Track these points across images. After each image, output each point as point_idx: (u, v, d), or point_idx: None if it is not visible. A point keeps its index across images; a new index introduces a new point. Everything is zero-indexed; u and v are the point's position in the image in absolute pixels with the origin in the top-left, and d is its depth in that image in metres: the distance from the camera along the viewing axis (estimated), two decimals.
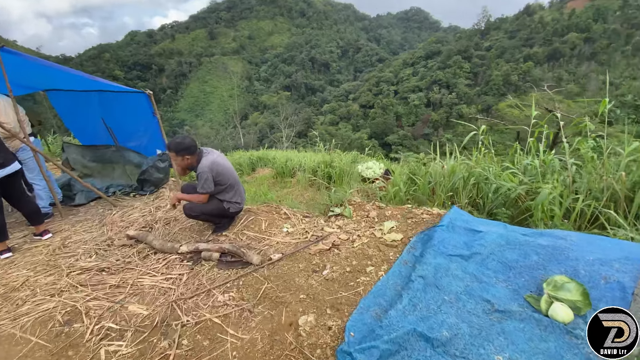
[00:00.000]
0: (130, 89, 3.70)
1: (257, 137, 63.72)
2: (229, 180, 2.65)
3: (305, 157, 11.06)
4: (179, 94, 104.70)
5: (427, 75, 78.47)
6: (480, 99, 70.11)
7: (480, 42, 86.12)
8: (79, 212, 4.05)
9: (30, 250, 3.09)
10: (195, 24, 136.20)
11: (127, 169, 4.52)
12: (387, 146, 60.33)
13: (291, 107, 61.27)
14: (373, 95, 79.20)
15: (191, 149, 2.49)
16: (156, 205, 3.85)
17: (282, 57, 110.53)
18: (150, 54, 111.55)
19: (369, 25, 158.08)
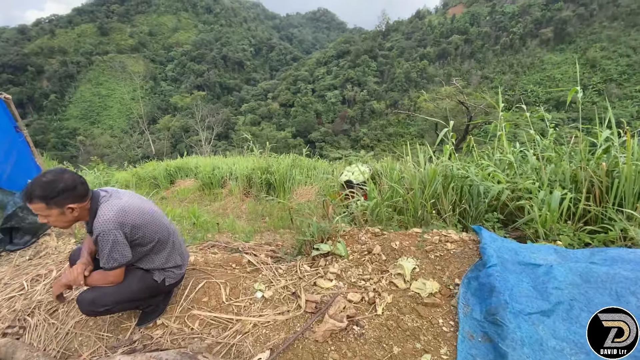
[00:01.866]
0: None
1: (171, 142, 58.07)
2: (157, 233, 1.62)
3: (235, 163, 10.24)
4: (66, 98, 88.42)
5: (340, 73, 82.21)
6: (387, 95, 76.60)
7: (382, 42, 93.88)
8: None
9: None
10: (80, 18, 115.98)
11: None
12: (312, 143, 61.52)
13: (207, 108, 57.32)
14: (292, 94, 79.57)
15: (74, 191, 1.41)
16: (35, 274, 2.34)
17: (191, 55, 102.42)
18: (24, 53, 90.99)
19: (280, 24, 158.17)
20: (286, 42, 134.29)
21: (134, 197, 1.66)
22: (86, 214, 1.52)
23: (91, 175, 8.51)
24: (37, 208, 1.38)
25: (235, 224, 5.13)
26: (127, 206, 1.53)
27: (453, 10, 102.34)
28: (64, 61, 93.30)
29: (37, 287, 2.12)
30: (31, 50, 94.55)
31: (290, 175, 7.54)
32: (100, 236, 1.43)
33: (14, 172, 2.98)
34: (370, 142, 63.10)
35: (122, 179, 12.26)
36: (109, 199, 1.54)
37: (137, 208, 1.56)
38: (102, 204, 1.51)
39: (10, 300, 1.99)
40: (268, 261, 2.23)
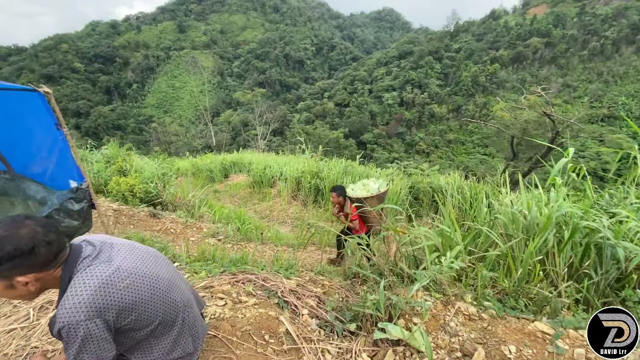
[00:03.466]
0: (10, 86, 2.28)
1: (231, 135, 61.33)
2: (159, 314, 1.09)
3: (286, 164, 10.00)
4: (145, 88, 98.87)
5: (400, 74, 79.41)
6: (450, 99, 71.99)
7: (450, 43, 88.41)
8: None
9: None
10: (162, 16, 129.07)
11: (30, 205, 3.19)
12: (363, 145, 60.41)
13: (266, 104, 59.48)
14: (348, 94, 79.00)
15: (30, 257, 0.93)
16: (45, 300, 1.97)
17: (256, 53, 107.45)
18: (114, 45, 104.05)
19: (343, 24, 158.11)
20: (347, 42, 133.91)
21: (134, 255, 1.13)
22: (56, 283, 1.02)
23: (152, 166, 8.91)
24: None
25: (280, 234, 4.73)
26: (115, 277, 1.01)
27: (534, 11, 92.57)
28: (147, 55, 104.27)
29: (42, 320, 1.79)
30: (120, 43, 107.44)
31: (341, 183, 6.99)
32: (64, 331, 0.92)
33: (56, 171, 2.86)
34: (426, 147, 59.90)
35: (182, 167, 12.87)
36: (91, 263, 1.02)
37: (134, 278, 1.05)
38: (79, 272, 1.00)
39: (9, 335, 1.72)
40: (312, 327, 1.62)
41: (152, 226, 4.70)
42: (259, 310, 1.64)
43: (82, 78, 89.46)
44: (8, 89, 2.38)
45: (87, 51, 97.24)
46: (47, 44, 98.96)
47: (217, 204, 7.63)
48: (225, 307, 1.69)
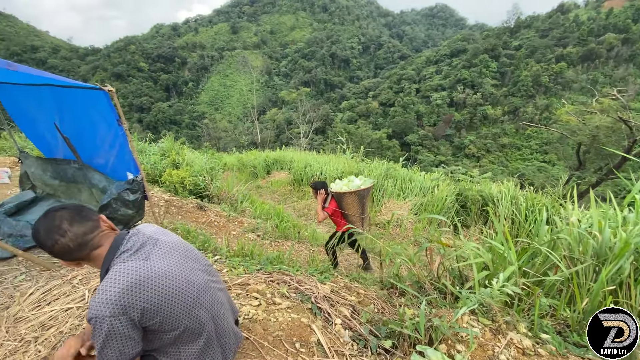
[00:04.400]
0: (81, 84, 2.51)
1: (275, 132, 63.13)
2: (184, 320, 1.08)
3: (326, 163, 10.00)
4: (200, 86, 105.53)
5: (451, 73, 75.53)
6: (507, 100, 66.81)
7: (509, 40, 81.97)
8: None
9: None
10: (218, 18, 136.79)
11: (93, 193, 3.51)
12: (407, 146, 58.56)
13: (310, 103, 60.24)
14: (394, 93, 77.03)
15: (76, 253, 1.04)
16: (96, 284, 2.13)
17: (303, 53, 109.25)
18: (174, 46, 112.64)
19: (392, 22, 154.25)
20: (396, 40, 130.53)
21: (172, 255, 1.13)
22: (100, 264, 1.09)
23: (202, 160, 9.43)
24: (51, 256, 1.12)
25: (317, 234, 4.72)
26: (146, 277, 1.02)
27: (611, 4, 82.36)
28: (202, 55, 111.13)
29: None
30: (179, 44, 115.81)
31: (382, 186, 6.79)
32: (92, 322, 0.95)
33: (116, 163, 3.11)
34: (476, 151, 56.27)
35: (229, 162, 13.48)
36: (128, 259, 1.06)
37: (163, 282, 1.04)
38: (115, 265, 1.04)
39: (66, 313, 1.90)
40: (345, 340, 1.52)
41: (198, 218, 4.94)
42: (291, 315, 1.61)
43: (145, 76, 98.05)
44: (78, 87, 2.63)
45: (151, 52, 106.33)
46: (118, 45, 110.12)
47: (258, 199, 7.86)
48: (259, 307, 1.69)
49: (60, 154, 3.74)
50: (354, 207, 3.42)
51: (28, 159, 4.14)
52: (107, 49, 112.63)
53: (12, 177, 5.71)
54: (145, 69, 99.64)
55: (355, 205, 3.42)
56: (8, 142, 8.77)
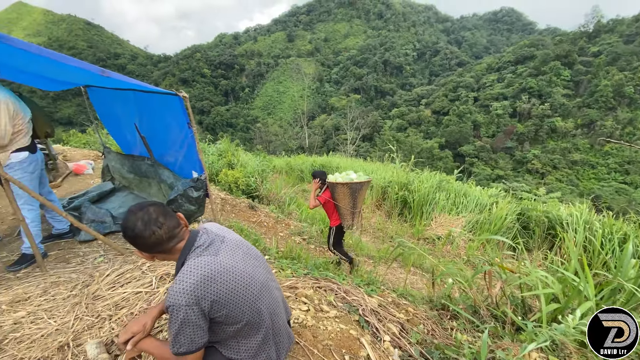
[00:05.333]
0: (160, 90, 2.81)
1: (322, 138, 64.01)
2: (246, 315, 1.15)
3: (373, 171, 9.86)
4: (255, 92, 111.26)
5: (514, 82, 69.99)
6: (581, 112, 59.86)
7: (586, 46, 73.61)
8: (74, 258, 2.81)
9: None
10: (276, 27, 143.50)
11: (162, 187, 3.85)
12: (461, 157, 55.41)
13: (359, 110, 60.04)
14: (449, 101, 73.58)
15: (165, 246, 1.14)
16: (164, 272, 2.31)
17: (355, 60, 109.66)
18: (234, 54, 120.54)
19: (451, 27, 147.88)
20: (454, 46, 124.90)
21: (237, 252, 1.22)
22: (177, 257, 1.19)
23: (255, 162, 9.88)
24: (132, 247, 1.23)
25: (361, 244, 4.65)
26: (216, 272, 1.10)
27: None
28: (259, 62, 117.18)
29: (161, 288, 2.16)
30: (239, 52, 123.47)
31: (433, 199, 6.48)
32: (169, 310, 1.05)
33: (183, 162, 3.40)
34: (541, 167, 51.09)
35: (278, 165, 13.96)
36: (201, 253, 1.15)
37: (230, 276, 1.12)
38: (190, 258, 1.14)
39: (136, 296, 2.11)
40: (394, 359, 1.45)
41: (250, 217, 5.17)
42: (340, 326, 1.60)
43: (207, 82, 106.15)
44: (157, 92, 2.93)
45: (214, 59, 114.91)
46: (185, 53, 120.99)
47: (304, 203, 8.00)
48: (307, 313, 1.71)
49: (136, 151, 4.20)
50: (346, 199, 3.53)
51: (110, 154, 4.71)
52: (176, 56, 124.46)
53: (95, 168, 6.54)
54: (207, 75, 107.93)
55: (347, 198, 3.53)
56: (92, 137, 10.06)
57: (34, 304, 2.18)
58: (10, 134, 2.56)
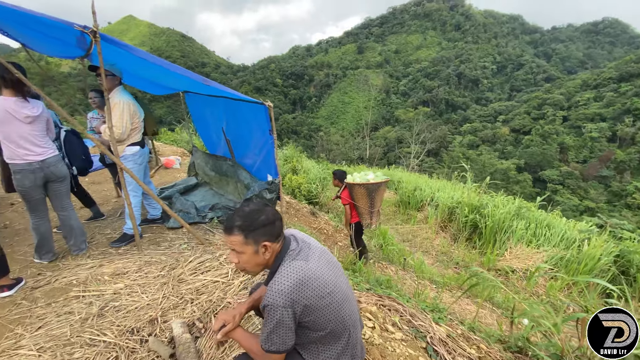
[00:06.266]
0: (249, 99, 3.09)
1: (383, 150, 62.82)
2: (331, 323, 1.18)
3: (440, 189, 9.33)
4: (321, 102, 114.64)
5: (616, 101, 60.22)
6: None
7: None
8: (163, 242, 3.20)
9: (53, 306, 2.21)
10: (347, 39, 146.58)
11: (238, 187, 4.17)
12: (542, 183, 49.41)
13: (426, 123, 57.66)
14: (531, 120, 66.41)
15: (273, 227, 1.20)
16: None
17: (426, 72, 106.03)
18: (305, 65, 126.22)
19: (540, 39, 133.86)
20: (541, 60, 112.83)
21: (323, 261, 1.25)
22: (272, 261, 1.25)
23: (316, 169, 10.14)
24: (235, 241, 1.20)
25: (424, 266, 4.41)
26: (308, 277, 1.15)
27: None
28: (328, 73, 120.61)
29: (235, 280, 2.35)
30: (310, 63, 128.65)
31: (509, 227, 5.87)
32: (266, 309, 1.11)
33: (261, 166, 3.66)
34: None
35: None
36: (295, 257, 1.21)
37: (319, 283, 1.16)
38: (285, 261, 1.20)
39: (214, 285, 2.32)
40: None
41: (311, 223, 5.30)
42: (408, 350, 1.54)
43: (278, 91, 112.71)
44: (246, 101, 3.22)
45: (286, 70, 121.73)
46: (261, 64, 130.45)
47: None
48: (374, 331, 1.68)
49: (220, 151, 4.65)
50: (363, 199, 3.66)
51: (197, 152, 5.28)
52: (253, 66, 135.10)
53: (181, 164, 7.38)
54: (279, 85, 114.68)
55: (364, 198, 3.65)
56: (178, 136, 11.38)
57: (130, 278, 2.53)
58: (128, 131, 3.05)
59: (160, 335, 1.88)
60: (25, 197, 2.70)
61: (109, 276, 2.56)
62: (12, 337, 2.02)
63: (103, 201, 4.86)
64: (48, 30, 2.62)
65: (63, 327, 2.03)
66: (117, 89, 3.03)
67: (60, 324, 2.06)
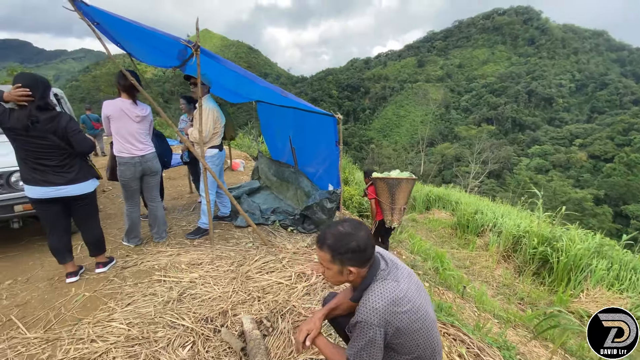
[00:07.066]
0: (319, 110, 3.22)
1: (439, 167, 59.91)
2: (419, 348, 1.16)
3: (504, 215, 8.62)
4: (375, 114, 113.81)
5: None
6: None
7: None
8: (231, 239, 3.46)
9: (140, 286, 2.50)
10: (407, 53, 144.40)
11: (298, 193, 4.31)
12: (624, 218, 42.90)
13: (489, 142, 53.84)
14: (615, 146, 58.38)
15: (363, 254, 1.18)
16: (299, 270, 2.59)
17: (491, 88, 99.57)
18: (362, 77, 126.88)
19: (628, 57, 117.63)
20: (630, 80, 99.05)
21: (412, 283, 1.23)
22: (359, 281, 1.24)
23: None
24: (322, 257, 1.22)
25: (485, 298, 4.10)
26: (401, 299, 1.13)
27: None
28: (384, 86, 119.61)
29: (298, 285, 2.43)
30: (367, 76, 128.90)
31: (587, 265, 5.20)
32: (359, 325, 1.11)
33: (323, 175, 3.77)
34: None
35: None
36: (386, 277, 1.20)
37: (411, 307, 1.14)
38: (376, 281, 1.19)
39: (278, 286, 2.42)
40: None
41: None
42: None
43: (333, 102, 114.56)
44: (316, 112, 3.36)
45: (343, 82, 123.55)
46: (319, 75, 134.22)
47: (416, 235, 7.61)
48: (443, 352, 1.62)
49: (284, 158, 4.89)
50: (385, 194, 3.74)
51: (262, 157, 5.61)
52: (311, 78, 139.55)
53: (245, 167, 7.87)
54: (334, 96, 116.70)
55: (386, 193, 3.73)
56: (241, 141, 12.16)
57: (204, 269, 2.77)
58: (211, 134, 3.37)
59: (231, 328, 2.02)
60: (124, 187, 3.12)
61: (185, 265, 2.83)
62: (106, 310, 2.32)
63: (178, 195, 5.39)
64: (157, 42, 3.04)
65: (148, 307, 2.29)
66: (205, 97, 3.38)
67: (145, 304, 2.33)
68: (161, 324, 2.10)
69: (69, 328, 2.12)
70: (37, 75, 2.38)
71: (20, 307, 2.42)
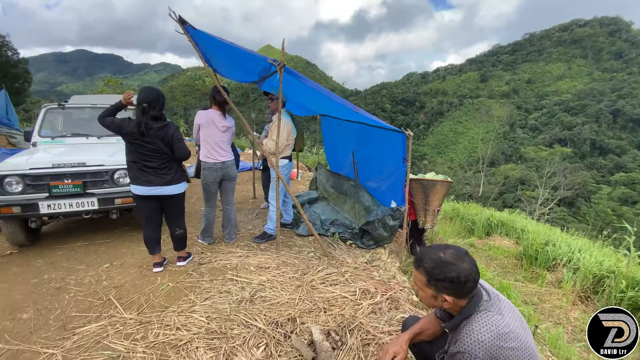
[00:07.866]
0: (389, 127, 3.24)
1: (500, 189, 55.26)
2: None
3: (582, 249, 7.63)
4: (429, 130, 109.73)
5: None
6: None
7: None
8: (294, 246, 3.60)
9: (215, 283, 2.69)
10: (469, 67, 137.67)
11: (356, 207, 4.31)
12: None
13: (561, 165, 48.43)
14: None
15: (462, 287, 1.14)
16: (364, 287, 2.57)
17: (567, 105, 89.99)
18: (418, 92, 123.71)
19: None
20: None
21: (516, 318, 1.17)
22: (458, 310, 1.22)
23: None
24: (418, 278, 1.22)
25: (562, 343, 3.65)
26: (507, 334, 1.08)
27: None
28: (442, 101, 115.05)
29: (363, 302, 2.43)
30: (423, 90, 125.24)
31: None
32: (460, 356, 1.09)
33: (386, 191, 3.76)
34: None
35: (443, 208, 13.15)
36: (489, 310, 1.15)
37: (519, 344, 1.08)
38: (479, 312, 1.16)
39: (342, 300, 2.44)
40: None
41: None
42: None
43: (386, 116, 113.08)
44: (384, 128, 3.38)
45: (397, 96, 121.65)
46: (374, 89, 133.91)
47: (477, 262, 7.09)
48: None
49: (344, 172, 4.98)
50: (419, 195, 3.79)
51: (321, 169, 5.76)
52: (365, 91, 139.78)
53: (302, 177, 8.14)
54: (388, 110, 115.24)
55: (420, 194, 3.77)
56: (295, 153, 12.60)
57: (271, 273, 2.91)
58: (283, 146, 3.59)
59: (300, 335, 2.09)
60: (205, 189, 3.45)
61: (254, 267, 3.01)
62: (187, 302, 2.56)
63: (242, 200, 5.76)
64: (244, 60, 3.34)
65: (224, 304, 2.47)
66: (282, 111, 3.62)
67: (221, 300, 2.53)
68: (236, 322, 2.26)
69: (158, 314, 2.38)
70: (159, 90, 2.82)
71: (117, 289, 2.79)
